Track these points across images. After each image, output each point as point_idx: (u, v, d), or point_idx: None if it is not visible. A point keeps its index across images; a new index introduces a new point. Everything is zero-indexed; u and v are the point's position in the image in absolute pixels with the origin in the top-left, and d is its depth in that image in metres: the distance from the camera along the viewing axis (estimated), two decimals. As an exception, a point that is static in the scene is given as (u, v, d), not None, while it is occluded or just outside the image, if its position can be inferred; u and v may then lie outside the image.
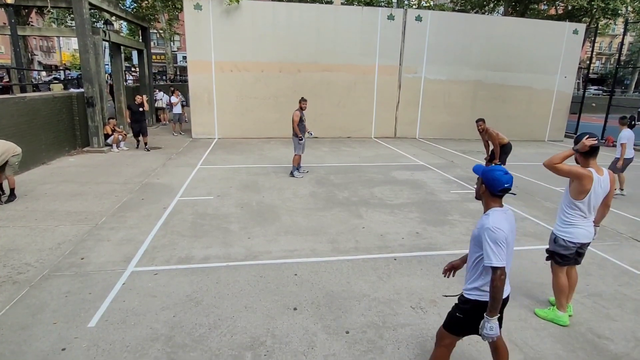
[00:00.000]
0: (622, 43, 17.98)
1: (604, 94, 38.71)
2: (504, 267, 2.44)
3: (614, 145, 15.55)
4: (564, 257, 3.71)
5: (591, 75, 47.03)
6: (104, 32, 12.77)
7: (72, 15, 21.24)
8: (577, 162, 3.68)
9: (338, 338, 3.49)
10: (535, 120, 16.75)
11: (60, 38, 50.27)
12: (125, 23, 34.67)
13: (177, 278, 4.40)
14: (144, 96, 12.65)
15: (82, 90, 11.44)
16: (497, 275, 2.42)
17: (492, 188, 2.73)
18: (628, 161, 8.27)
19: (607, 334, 3.68)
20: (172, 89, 18.59)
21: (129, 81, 21.46)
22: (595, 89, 45.37)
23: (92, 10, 13.57)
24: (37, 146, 9.26)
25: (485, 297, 2.53)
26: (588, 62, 21.47)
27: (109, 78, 15.79)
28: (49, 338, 3.36)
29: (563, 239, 3.66)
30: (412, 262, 5.00)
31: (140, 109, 11.63)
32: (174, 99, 15.25)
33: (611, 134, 16.28)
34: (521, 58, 15.86)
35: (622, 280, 4.73)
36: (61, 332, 3.43)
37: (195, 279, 4.40)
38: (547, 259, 3.90)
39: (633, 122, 17.90)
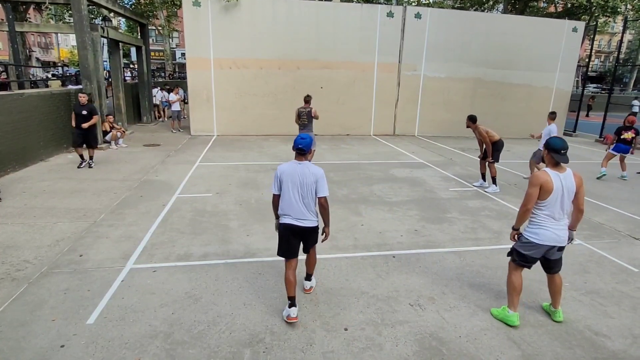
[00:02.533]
0: (621, 41, 17.97)
1: (603, 91, 38.72)
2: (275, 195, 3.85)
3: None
4: (523, 256, 3.69)
5: (590, 73, 47.01)
6: (103, 28, 12.73)
7: (70, 12, 21.16)
8: (543, 161, 3.65)
9: (337, 335, 3.49)
10: (534, 118, 16.73)
11: (59, 34, 50.06)
12: (123, 19, 34.58)
13: (175, 275, 4.41)
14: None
15: (80, 86, 11.40)
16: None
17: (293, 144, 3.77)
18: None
19: (604, 331, 3.69)
20: (168, 87, 18.57)
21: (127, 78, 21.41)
22: (594, 87, 45.37)
23: (90, 7, 13.50)
24: (35, 143, 9.24)
25: None
26: (587, 60, 21.47)
27: (107, 75, 15.75)
28: (48, 335, 3.36)
29: (527, 238, 3.62)
30: (411, 259, 5.01)
31: (84, 112, 8.82)
32: (172, 97, 15.21)
33: (610, 132, 16.28)
34: (520, 56, 15.85)
35: (620, 277, 4.75)
36: (60, 329, 3.43)
37: (194, 276, 4.40)
38: (508, 254, 3.89)
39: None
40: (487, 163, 8.18)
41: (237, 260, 4.83)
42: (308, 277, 4.24)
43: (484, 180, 8.44)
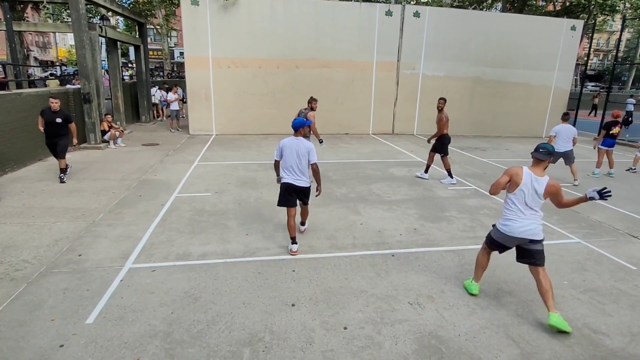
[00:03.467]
0: (619, 39, 17.97)
1: (602, 90, 38.77)
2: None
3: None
4: (493, 241, 4.08)
5: (589, 72, 47.07)
6: (101, 27, 12.70)
7: (68, 11, 21.12)
8: (538, 162, 3.86)
9: (336, 334, 3.50)
10: (532, 117, 16.79)
11: (56, 34, 49.92)
12: (121, 18, 34.51)
13: (175, 274, 4.41)
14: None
15: (78, 86, 11.38)
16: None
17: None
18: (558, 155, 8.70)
19: (603, 329, 3.71)
20: (166, 86, 18.55)
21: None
22: (592, 86, 45.43)
23: (88, 6, 13.46)
24: (33, 143, 9.20)
25: None
26: (585, 58, 21.49)
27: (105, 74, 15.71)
28: (47, 335, 3.36)
29: (499, 228, 3.96)
30: (410, 258, 5.01)
31: (58, 120, 7.70)
32: (170, 96, 15.19)
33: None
34: (519, 54, 15.86)
35: (618, 275, 4.76)
36: (59, 329, 3.43)
37: (193, 275, 4.40)
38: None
39: (630, 119, 17.86)
40: (441, 157, 8.43)
41: (236, 259, 4.83)
42: (302, 223, 5.68)
43: (451, 175, 8.58)
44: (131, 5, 25.74)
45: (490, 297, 4.18)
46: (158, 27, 31.36)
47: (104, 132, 11.52)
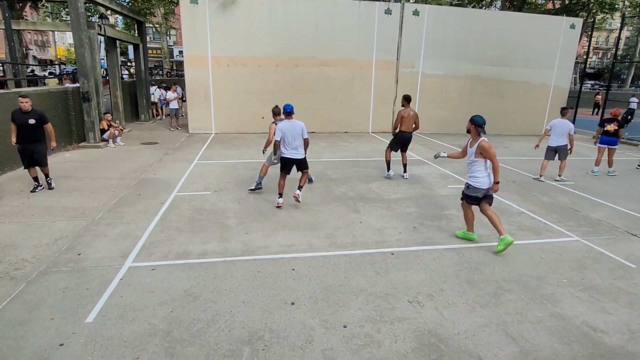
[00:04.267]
0: (618, 38, 17.97)
1: (601, 88, 38.77)
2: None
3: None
4: (470, 197, 5.26)
5: (588, 70, 47.07)
6: (99, 26, 12.66)
7: (67, 9, 21.06)
8: (468, 132, 5.20)
9: (336, 332, 3.50)
10: (532, 115, 16.79)
11: (55, 32, 49.88)
12: (120, 17, 34.45)
13: (174, 273, 4.41)
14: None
15: (77, 85, 11.36)
16: None
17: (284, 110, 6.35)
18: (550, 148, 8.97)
19: (602, 327, 3.71)
20: (164, 84, 18.53)
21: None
22: (592, 84, 45.42)
23: (87, 4, 13.45)
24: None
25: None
26: (585, 56, 21.48)
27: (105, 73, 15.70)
28: (47, 334, 3.36)
29: (474, 185, 5.16)
30: (409, 256, 5.02)
31: (32, 121, 6.77)
32: (170, 95, 15.17)
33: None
34: (518, 53, 15.87)
35: (617, 273, 4.77)
36: (59, 328, 3.43)
37: (193, 274, 4.40)
38: (461, 199, 5.48)
39: (629, 117, 17.89)
40: (388, 150, 8.54)
41: (235, 258, 4.83)
42: (299, 188, 6.60)
43: (399, 170, 8.76)
44: (130, 3, 25.71)
45: (489, 295, 4.19)
46: (157, 25, 31.33)
47: (103, 131, 11.52)
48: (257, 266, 4.64)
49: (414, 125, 8.40)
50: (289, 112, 6.31)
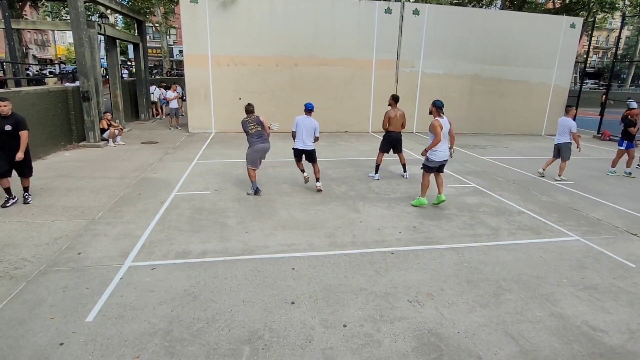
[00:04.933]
0: (619, 37, 17.96)
1: (601, 88, 38.76)
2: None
3: (610, 140, 15.69)
4: (430, 168, 6.62)
5: (588, 69, 47.06)
6: (99, 25, 12.66)
7: (66, 9, 21.04)
8: (431, 113, 6.61)
9: (335, 332, 3.50)
10: (532, 114, 16.79)
11: (55, 31, 49.85)
12: (120, 16, 34.43)
13: (174, 273, 4.41)
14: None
15: (77, 84, 11.36)
16: None
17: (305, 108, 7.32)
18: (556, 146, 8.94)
19: (602, 326, 3.71)
20: (164, 84, 18.53)
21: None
22: (592, 83, 45.39)
23: (87, 4, 13.44)
24: (32, 141, 9.07)
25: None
26: (585, 56, 21.47)
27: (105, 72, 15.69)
28: (47, 333, 3.36)
29: (432, 158, 6.53)
30: (409, 256, 5.02)
31: (7, 127, 6.09)
32: (170, 94, 15.17)
33: (607, 128, 16.34)
34: (518, 52, 15.86)
35: (617, 273, 4.77)
36: (59, 327, 3.43)
37: (193, 273, 4.40)
38: (421, 168, 6.80)
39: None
40: (380, 153, 8.56)
41: (235, 257, 4.83)
42: (317, 180, 7.51)
43: (376, 171, 8.65)
44: (130, 3, 25.71)
45: (489, 294, 4.19)
46: (157, 25, 31.31)
47: (103, 131, 11.51)
48: (257, 265, 4.64)
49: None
50: (309, 110, 7.31)
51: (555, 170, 9.10)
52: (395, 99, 8.37)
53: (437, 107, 6.52)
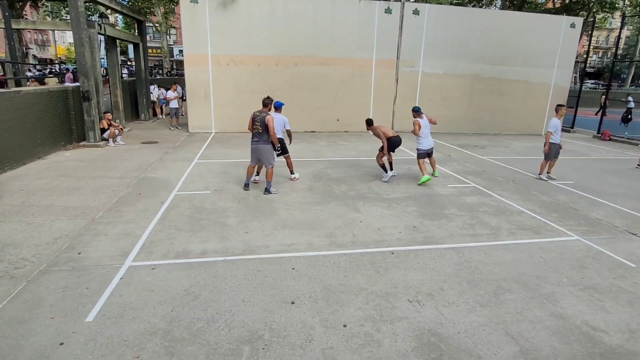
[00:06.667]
0: (619, 37, 17.95)
1: (601, 87, 38.75)
2: None
3: (610, 140, 15.69)
4: (421, 154, 8.25)
5: (588, 69, 47.05)
6: (100, 25, 12.65)
7: (66, 9, 21.04)
8: (415, 117, 8.23)
9: (335, 331, 3.50)
10: (532, 114, 16.78)
11: (55, 31, 49.84)
12: (120, 16, 34.43)
13: (174, 272, 4.41)
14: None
15: (77, 84, 11.35)
16: None
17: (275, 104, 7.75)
18: (555, 146, 8.90)
19: (602, 326, 3.72)
20: (161, 86, 18.53)
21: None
22: (592, 83, 45.37)
23: (87, 3, 13.41)
24: (32, 141, 9.21)
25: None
26: (585, 55, 21.47)
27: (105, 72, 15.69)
28: (47, 333, 3.36)
29: (421, 148, 8.26)
30: (409, 255, 5.02)
31: None
32: (170, 94, 15.17)
33: (607, 128, 16.34)
34: (518, 52, 15.85)
35: (617, 273, 4.77)
36: (59, 327, 3.43)
37: (193, 273, 4.41)
38: (417, 157, 8.32)
39: (630, 117, 17.91)
40: (383, 155, 8.62)
41: (235, 257, 4.83)
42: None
43: (386, 171, 8.61)
44: (130, 3, 25.71)
45: (489, 294, 4.19)
46: (157, 25, 31.32)
47: (103, 130, 11.51)
48: (257, 265, 4.64)
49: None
50: (277, 107, 7.82)
51: (558, 170, 9.13)
52: (369, 123, 8.56)
53: (415, 112, 8.38)
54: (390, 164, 8.67)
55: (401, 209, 6.71)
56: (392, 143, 8.42)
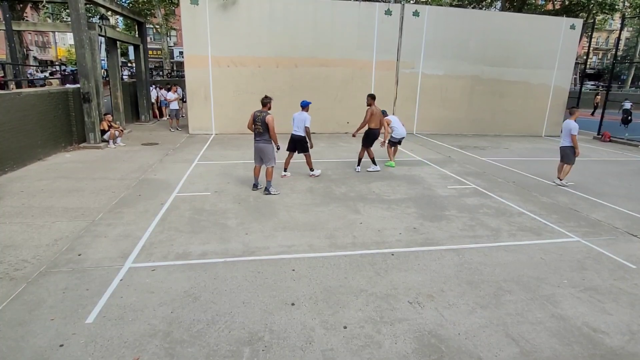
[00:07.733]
0: (618, 38, 17.96)
1: (601, 89, 38.77)
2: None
3: (610, 141, 15.69)
4: (392, 143, 9.55)
5: (588, 71, 47.08)
6: (100, 27, 12.68)
7: (67, 10, 21.08)
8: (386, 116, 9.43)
9: (336, 333, 3.50)
10: (532, 115, 16.79)
11: (56, 33, 49.88)
12: (121, 18, 34.46)
13: (174, 274, 4.41)
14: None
15: (78, 85, 11.36)
16: None
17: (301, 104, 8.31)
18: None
19: (602, 327, 3.71)
20: (168, 85, 18.54)
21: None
22: (592, 84, 45.40)
23: (87, 5, 13.44)
24: (33, 142, 9.21)
25: None
26: (585, 57, 21.48)
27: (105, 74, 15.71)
28: (47, 334, 3.36)
29: (393, 137, 9.50)
30: (410, 257, 5.02)
31: None
32: (170, 95, 15.18)
33: (607, 129, 16.35)
34: (518, 53, 15.86)
35: (618, 274, 4.77)
36: (59, 328, 3.43)
37: (193, 274, 4.40)
38: (388, 143, 9.64)
39: (630, 118, 17.94)
40: (366, 149, 9.21)
41: (235, 258, 4.83)
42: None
43: (359, 164, 9.32)
44: (130, 4, 25.74)
45: (489, 295, 4.19)
46: (157, 26, 31.36)
47: (103, 132, 11.51)
48: (257, 267, 4.64)
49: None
50: (303, 106, 8.12)
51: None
52: (373, 97, 9.21)
53: (383, 114, 9.46)
54: (372, 159, 9.25)
55: (401, 211, 6.71)
56: (373, 135, 9.06)
